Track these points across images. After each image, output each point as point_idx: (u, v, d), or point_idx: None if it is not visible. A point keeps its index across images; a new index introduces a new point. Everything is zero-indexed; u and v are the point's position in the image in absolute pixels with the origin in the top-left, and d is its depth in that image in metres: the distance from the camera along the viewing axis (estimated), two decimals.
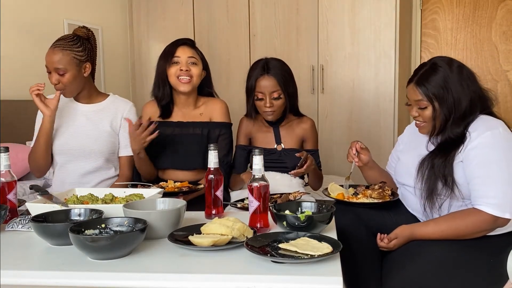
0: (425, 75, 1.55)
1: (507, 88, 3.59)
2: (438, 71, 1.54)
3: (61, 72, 1.95)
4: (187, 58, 2.05)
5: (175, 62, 2.05)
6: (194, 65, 2.06)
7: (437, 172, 1.52)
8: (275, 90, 2.03)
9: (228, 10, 3.73)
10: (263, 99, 2.04)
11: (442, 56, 1.61)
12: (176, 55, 2.05)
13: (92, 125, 2.03)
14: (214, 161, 1.52)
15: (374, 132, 3.43)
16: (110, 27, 3.84)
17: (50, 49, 1.94)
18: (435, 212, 1.56)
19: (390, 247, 1.54)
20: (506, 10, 3.55)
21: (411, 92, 1.59)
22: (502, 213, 1.41)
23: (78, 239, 1.14)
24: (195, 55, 2.08)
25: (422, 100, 1.55)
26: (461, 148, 1.50)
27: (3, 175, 1.53)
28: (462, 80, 1.54)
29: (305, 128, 2.18)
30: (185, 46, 2.08)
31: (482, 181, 1.45)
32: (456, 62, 1.58)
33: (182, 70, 2.03)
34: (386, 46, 3.34)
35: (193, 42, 2.14)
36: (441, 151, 1.55)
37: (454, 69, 1.55)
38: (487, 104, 1.58)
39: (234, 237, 1.23)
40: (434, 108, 1.55)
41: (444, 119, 1.54)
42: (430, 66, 1.57)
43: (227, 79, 3.70)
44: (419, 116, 1.60)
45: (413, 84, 1.58)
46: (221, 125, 2.12)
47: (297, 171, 1.93)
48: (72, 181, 2.00)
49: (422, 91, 1.54)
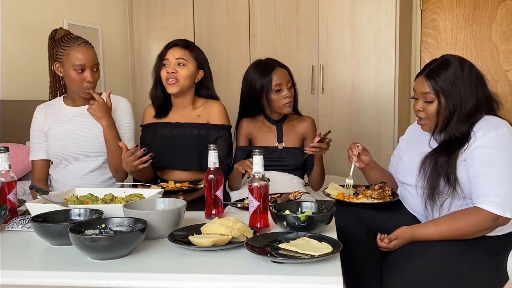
0: (436, 69, 1.56)
1: (507, 88, 3.59)
2: (449, 67, 1.55)
3: (96, 68, 1.97)
4: (175, 60, 2.03)
5: (164, 64, 2.05)
6: (182, 66, 2.03)
7: (440, 170, 1.52)
8: (289, 80, 2.13)
9: (228, 10, 3.73)
10: (282, 89, 2.08)
11: (454, 54, 1.62)
12: (166, 57, 2.05)
13: (88, 126, 2.02)
14: (214, 161, 1.52)
15: (374, 132, 3.42)
16: (110, 27, 3.84)
17: (82, 47, 1.94)
18: (436, 210, 1.56)
19: (390, 248, 1.54)
20: (506, 10, 3.55)
21: (419, 84, 1.60)
22: (503, 212, 1.42)
23: (78, 239, 1.14)
24: (185, 56, 2.04)
25: (429, 93, 1.56)
26: (465, 146, 1.50)
27: (3, 175, 1.53)
28: (471, 80, 1.55)
29: (306, 126, 2.20)
30: (175, 47, 2.06)
31: (484, 180, 1.45)
32: (467, 62, 1.59)
33: (168, 72, 2.02)
34: (386, 46, 3.33)
35: (187, 43, 2.10)
36: (445, 149, 1.55)
37: (465, 68, 1.56)
38: (492, 107, 1.59)
39: (234, 237, 1.23)
40: (439, 102, 1.55)
41: (448, 116, 1.54)
42: (441, 61, 1.58)
43: (227, 79, 3.70)
44: (422, 111, 1.60)
45: (423, 77, 1.58)
46: (219, 128, 2.10)
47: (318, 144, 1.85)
48: (72, 182, 2.00)
49: (431, 84, 1.55)
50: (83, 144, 2.01)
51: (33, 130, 2.09)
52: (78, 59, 1.93)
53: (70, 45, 1.94)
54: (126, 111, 2.10)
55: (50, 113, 2.07)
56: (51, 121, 2.06)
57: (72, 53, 1.93)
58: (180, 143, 2.07)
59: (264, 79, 2.08)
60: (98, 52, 3.64)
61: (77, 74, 1.94)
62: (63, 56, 1.95)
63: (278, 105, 2.11)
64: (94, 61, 1.96)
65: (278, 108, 2.12)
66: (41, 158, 2.08)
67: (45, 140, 2.06)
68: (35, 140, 2.09)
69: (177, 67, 2.03)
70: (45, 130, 2.06)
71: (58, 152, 2.02)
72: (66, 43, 1.96)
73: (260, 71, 2.11)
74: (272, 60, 2.16)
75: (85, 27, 3.51)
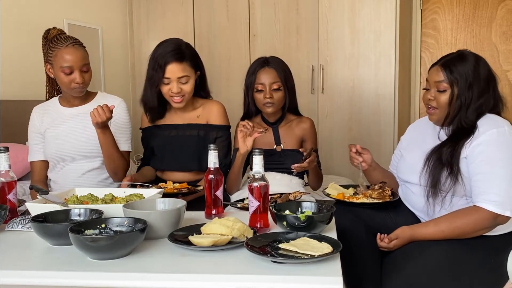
0: (453, 60, 1.59)
1: (507, 88, 3.59)
2: (465, 61, 1.57)
3: (86, 69, 1.93)
4: (177, 79, 1.96)
5: (166, 82, 1.97)
6: (185, 83, 1.98)
7: (444, 160, 1.53)
8: (275, 81, 2.06)
9: (228, 10, 3.73)
10: (263, 91, 2.05)
11: (470, 51, 1.63)
12: (166, 76, 1.95)
13: (83, 127, 2.01)
14: (214, 161, 1.52)
15: (374, 132, 3.42)
16: (110, 27, 3.84)
17: (70, 48, 1.90)
18: (437, 204, 1.56)
19: (390, 248, 1.55)
20: (506, 10, 3.55)
21: (433, 73, 1.61)
22: (502, 211, 1.42)
23: (78, 239, 1.14)
24: (185, 71, 1.96)
25: (443, 82, 1.57)
26: (468, 141, 1.51)
27: (3, 175, 1.53)
28: (485, 75, 1.57)
29: (305, 128, 2.17)
30: (174, 64, 1.94)
31: (484, 178, 1.45)
32: (483, 59, 1.61)
33: (173, 92, 1.96)
34: (386, 46, 3.34)
35: (181, 53, 1.97)
36: (450, 140, 1.56)
37: (481, 64, 1.58)
38: (498, 107, 1.61)
39: (234, 237, 1.23)
40: (452, 93, 1.56)
41: (458, 107, 1.56)
42: (458, 55, 1.61)
43: (227, 79, 3.70)
44: (434, 100, 1.61)
45: (439, 66, 1.60)
46: (219, 128, 2.09)
47: (300, 165, 1.91)
48: (70, 183, 1.99)
49: (446, 73, 1.57)
50: (79, 145, 2.00)
51: (30, 132, 2.09)
52: (65, 60, 1.89)
53: (58, 47, 1.91)
54: (123, 111, 2.09)
55: (47, 114, 2.07)
56: (47, 123, 2.05)
57: (60, 54, 1.90)
58: (179, 144, 2.07)
59: (250, 77, 2.08)
60: (98, 52, 3.66)
61: (65, 76, 1.91)
62: (52, 58, 1.93)
63: (259, 105, 2.10)
64: (82, 62, 1.92)
65: (259, 107, 2.12)
66: (40, 159, 2.08)
67: (43, 141, 2.06)
68: (33, 142, 2.09)
69: (181, 85, 1.97)
70: (42, 131, 2.06)
71: (55, 153, 2.02)
72: (55, 44, 1.93)
73: (251, 69, 2.11)
74: (269, 58, 2.11)
75: (85, 27, 3.51)
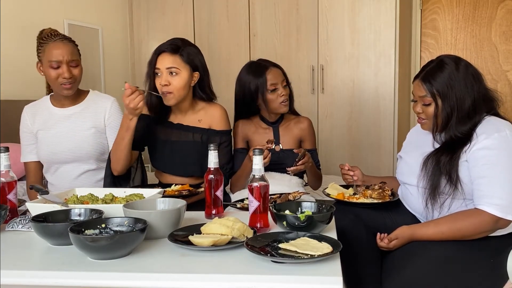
0: (431, 72, 1.57)
1: (507, 88, 3.59)
2: (444, 69, 1.55)
3: (74, 64, 1.90)
4: (166, 70, 1.86)
5: (157, 73, 1.89)
6: (175, 75, 1.86)
7: (442, 169, 1.52)
8: (283, 79, 2.10)
9: (228, 10, 3.73)
10: (277, 89, 2.06)
11: (450, 55, 1.62)
12: (156, 67, 1.88)
13: (75, 128, 1.99)
14: (214, 161, 1.52)
15: (374, 132, 3.42)
16: (110, 27, 3.84)
17: (58, 42, 1.88)
18: (436, 210, 1.56)
19: (390, 248, 1.54)
20: (506, 10, 3.55)
21: (416, 88, 1.61)
22: (504, 215, 1.42)
23: (78, 239, 1.14)
24: (175, 63, 1.86)
25: (426, 96, 1.57)
26: (467, 147, 1.50)
27: (3, 175, 1.53)
28: (467, 79, 1.55)
29: (303, 128, 2.17)
30: (164, 54, 1.87)
31: (486, 182, 1.45)
32: (463, 61, 1.59)
33: (161, 84, 1.87)
34: (386, 46, 3.34)
35: (176, 45, 1.89)
36: (447, 149, 1.55)
37: (461, 68, 1.56)
38: (492, 105, 1.59)
39: (234, 237, 1.23)
40: (437, 105, 1.55)
41: (446, 117, 1.55)
42: (437, 63, 1.59)
43: (227, 79, 3.68)
44: (422, 113, 1.61)
45: (419, 80, 1.59)
46: (222, 133, 2.04)
47: (295, 168, 1.92)
48: (66, 185, 1.98)
49: (427, 87, 1.56)
50: (71, 149, 1.98)
51: (22, 132, 2.06)
52: (52, 55, 1.87)
53: (47, 42, 1.89)
54: (116, 112, 2.06)
55: (38, 115, 2.04)
56: (39, 123, 2.03)
57: (48, 49, 1.88)
58: (181, 149, 2.00)
59: (259, 79, 2.05)
60: (98, 52, 3.66)
61: (53, 70, 1.88)
62: (41, 54, 1.91)
63: (275, 105, 2.08)
64: (71, 57, 1.89)
65: (274, 108, 2.09)
66: (33, 160, 2.06)
67: (35, 141, 2.04)
68: (25, 142, 2.06)
69: (170, 77, 1.86)
70: (34, 131, 2.04)
71: (48, 156, 2.01)
72: (45, 41, 1.91)
73: (254, 72, 2.08)
74: (265, 61, 2.13)
75: (85, 27, 3.52)
